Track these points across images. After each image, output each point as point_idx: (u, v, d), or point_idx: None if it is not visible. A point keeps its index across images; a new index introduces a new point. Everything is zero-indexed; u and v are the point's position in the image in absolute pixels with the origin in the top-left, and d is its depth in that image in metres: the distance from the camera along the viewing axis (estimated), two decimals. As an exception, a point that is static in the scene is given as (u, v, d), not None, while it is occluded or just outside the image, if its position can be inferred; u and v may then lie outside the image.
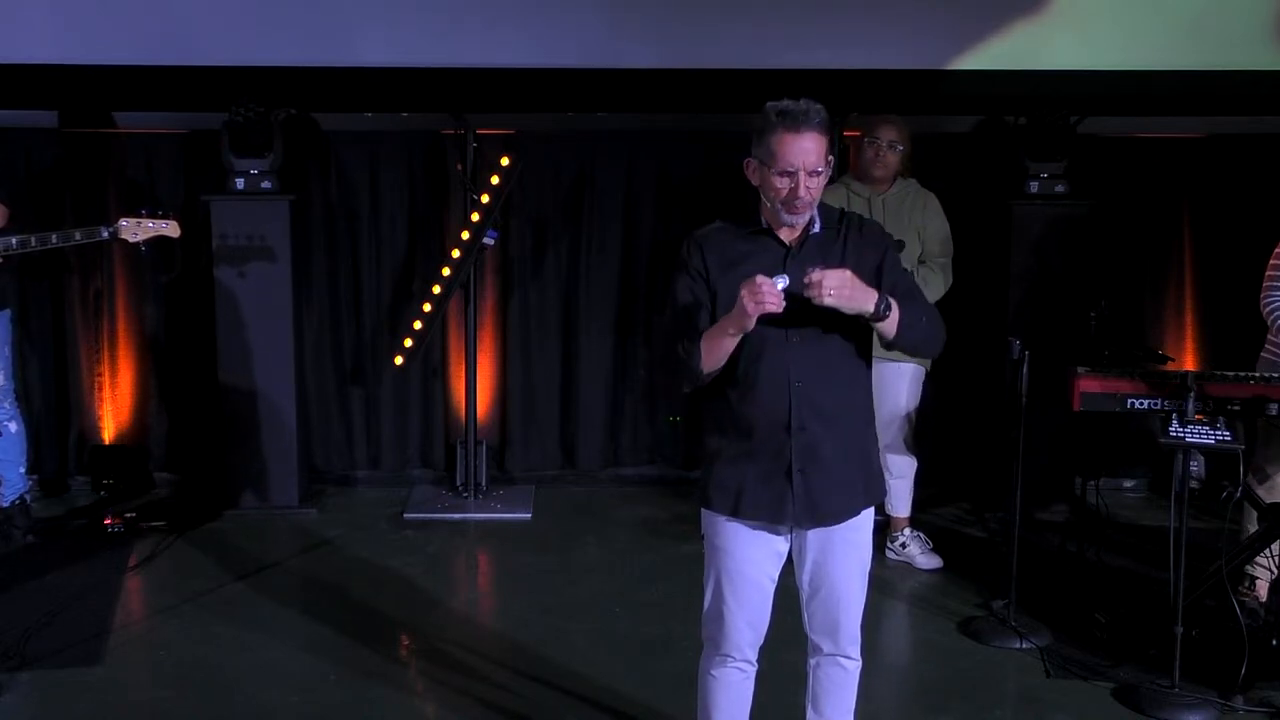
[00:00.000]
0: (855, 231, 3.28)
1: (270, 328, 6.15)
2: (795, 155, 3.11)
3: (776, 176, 3.14)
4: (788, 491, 3.24)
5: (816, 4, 5.96)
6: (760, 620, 3.40)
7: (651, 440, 6.79)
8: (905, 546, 5.58)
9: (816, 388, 3.20)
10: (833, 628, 3.40)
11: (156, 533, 5.89)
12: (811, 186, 3.13)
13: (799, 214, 3.17)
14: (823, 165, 3.14)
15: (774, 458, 3.23)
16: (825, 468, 3.23)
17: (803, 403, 3.19)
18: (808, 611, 3.42)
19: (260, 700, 4.36)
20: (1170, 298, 6.60)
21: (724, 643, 3.41)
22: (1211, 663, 4.38)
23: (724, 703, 3.48)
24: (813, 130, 3.12)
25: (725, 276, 3.22)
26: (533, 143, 6.44)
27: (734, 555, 3.34)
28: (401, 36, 5.97)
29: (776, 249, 3.23)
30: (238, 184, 6.04)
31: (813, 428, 3.21)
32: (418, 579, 5.44)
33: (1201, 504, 5.46)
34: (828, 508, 3.26)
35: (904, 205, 5.43)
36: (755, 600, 3.36)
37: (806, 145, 3.11)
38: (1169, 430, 4.20)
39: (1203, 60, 5.95)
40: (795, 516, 3.25)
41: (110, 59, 5.89)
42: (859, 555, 3.37)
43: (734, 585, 3.35)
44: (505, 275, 6.62)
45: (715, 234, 3.31)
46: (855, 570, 3.37)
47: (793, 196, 3.13)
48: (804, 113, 3.12)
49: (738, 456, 3.27)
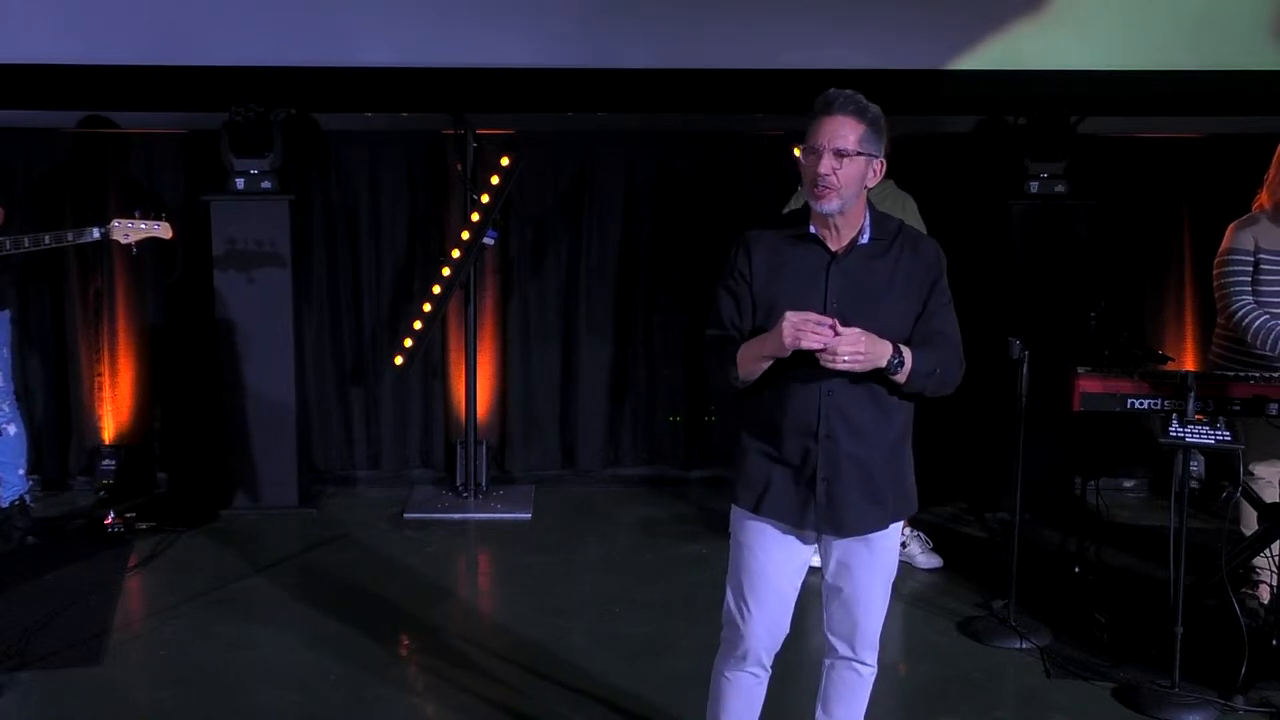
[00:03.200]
0: (909, 249, 3.22)
1: (270, 328, 6.15)
2: (822, 134, 3.11)
3: (805, 155, 3.14)
4: (810, 498, 3.22)
5: (817, 4, 5.96)
6: (779, 627, 3.37)
7: (651, 440, 6.79)
8: (905, 546, 5.58)
9: (849, 399, 3.17)
10: (850, 633, 3.39)
11: (157, 533, 5.90)
12: (837, 168, 3.09)
13: (822, 198, 3.11)
14: (854, 149, 3.10)
15: (800, 463, 3.21)
16: (850, 479, 3.20)
17: (833, 411, 3.17)
18: (828, 612, 3.41)
19: (260, 700, 4.36)
20: (1170, 298, 6.61)
21: (740, 645, 3.39)
22: (1211, 663, 4.38)
23: (735, 706, 3.47)
24: (847, 114, 3.12)
25: (770, 279, 3.21)
26: (533, 143, 6.43)
27: (758, 555, 3.31)
28: (401, 36, 5.98)
29: (821, 255, 3.19)
30: (238, 184, 6.04)
31: (841, 437, 3.18)
32: (418, 579, 5.44)
33: (1201, 504, 5.46)
34: (849, 519, 3.23)
35: (882, 206, 5.37)
36: (775, 605, 3.34)
37: (835, 126, 3.10)
38: (1169, 430, 4.20)
39: (1203, 60, 5.96)
40: (816, 524, 3.24)
41: (111, 59, 5.89)
42: (884, 564, 3.34)
43: (754, 586, 3.32)
44: (505, 275, 6.62)
45: (766, 235, 3.27)
46: (879, 579, 3.34)
47: (814, 175, 3.10)
48: (841, 96, 3.14)
49: (766, 456, 3.25)
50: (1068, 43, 6.00)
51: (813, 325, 3.01)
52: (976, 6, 6.01)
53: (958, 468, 6.46)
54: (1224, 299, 4.75)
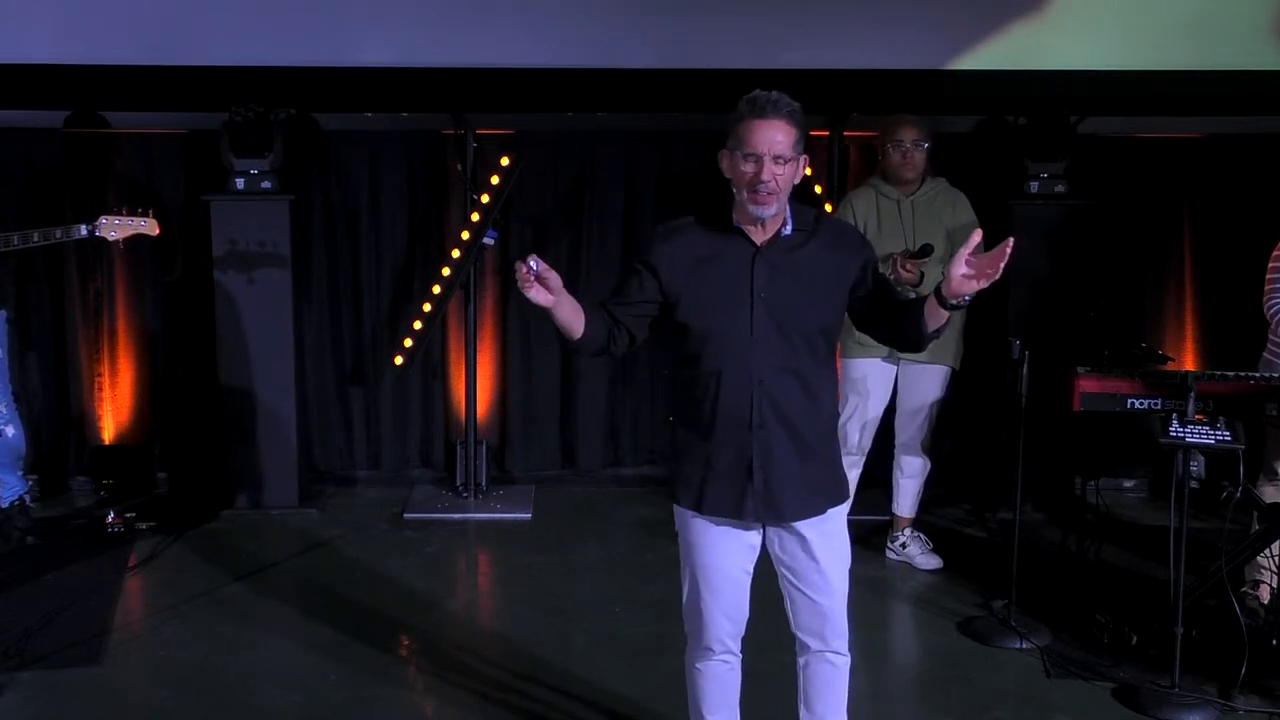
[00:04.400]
0: (831, 235, 3.29)
1: (270, 328, 6.15)
2: (760, 140, 3.13)
3: (742, 161, 3.17)
4: (748, 488, 3.27)
5: (817, 4, 5.95)
6: (737, 612, 3.42)
7: (651, 440, 6.79)
8: (905, 547, 5.58)
9: (780, 388, 3.23)
10: (819, 625, 3.41)
11: (157, 533, 5.90)
12: (778, 174, 3.14)
13: (763, 204, 3.17)
14: (790, 154, 3.15)
15: (735, 454, 3.26)
16: (784, 466, 3.26)
17: (765, 401, 3.23)
18: (791, 610, 3.43)
19: (260, 700, 4.36)
20: (1170, 298, 6.60)
21: (704, 636, 3.44)
22: (1211, 663, 4.38)
23: (710, 693, 3.52)
24: (781, 119, 3.14)
25: (694, 275, 3.25)
26: (533, 143, 6.44)
27: (705, 550, 3.37)
28: (401, 36, 5.97)
29: (746, 247, 3.25)
30: (238, 184, 6.04)
31: (773, 426, 3.24)
32: (418, 579, 5.44)
33: (1201, 504, 5.46)
34: (787, 505, 3.28)
35: (934, 206, 5.34)
36: (730, 593, 3.39)
37: (772, 132, 3.14)
38: (1169, 430, 4.20)
39: (1203, 60, 5.95)
40: (755, 513, 3.28)
41: (110, 59, 5.88)
42: (835, 549, 3.38)
43: (708, 579, 3.38)
44: (505, 275, 6.61)
45: (688, 229, 3.32)
46: (834, 565, 3.37)
47: (756, 181, 3.14)
48: (772, 101, 3.16)
49: (701, 451, 3.30)
50: (1068, 43, 5.99)
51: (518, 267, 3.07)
52: (976, 6, 6.00)
53: (958, 468, 6.46)
54: (1266, 295, 4.72)
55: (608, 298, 3.35)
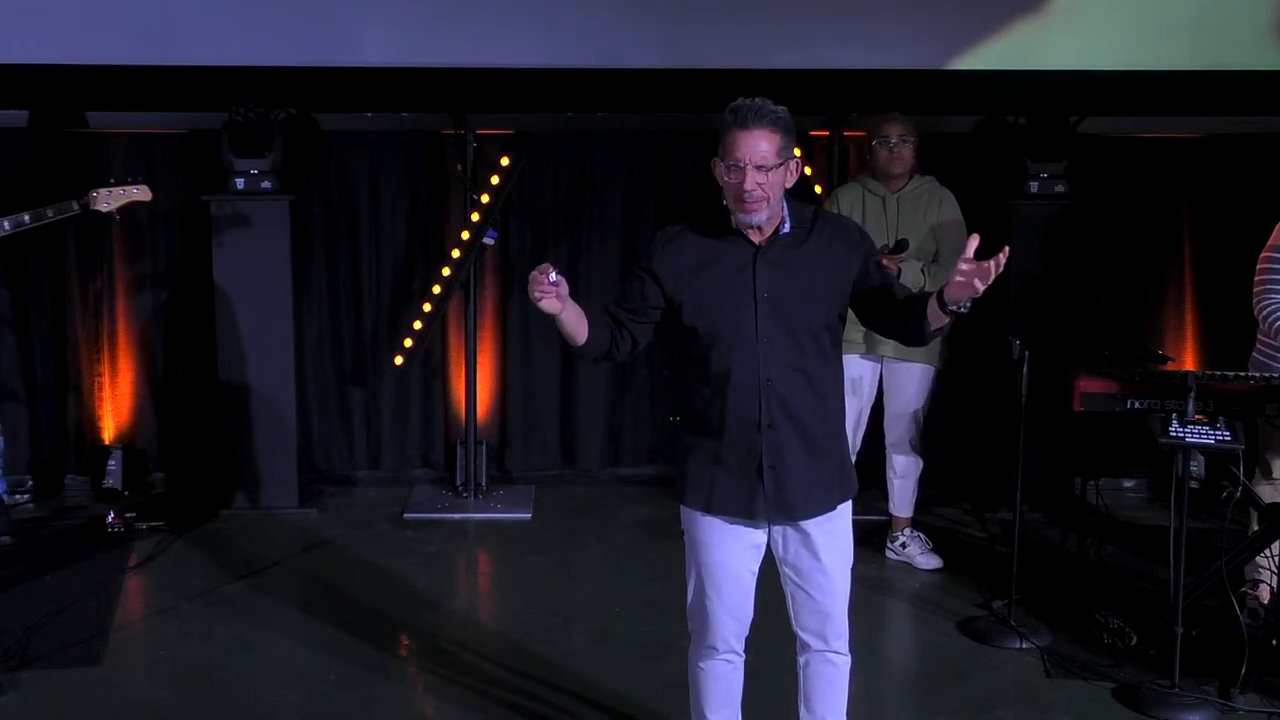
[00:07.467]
0: (830, 231, 3.31)
1: (270, 328, 6.15)
2: (742, 150, 3.15)
3: (727, 171, 3.19)
4: (759, 488, 3.28)
5: (816, 4, 5.95)
6: (742, 612, 3.43)
7: (651, 440, 6.79)
8: (905, 546, 5.58)
9: (788, 387, 3.24)
10: (820, 624, 3.42)
11: (156, 533, 5.89)
12: (762, 182, 3.15)
13: (750, 211, 3.19)
14: (774, 161, 3.16)
15: (745, 454, 3.27)
16: (794, 464, 3.27)
17: (773, 400, 3.24)
18: (793, 607, 3.44)
19: (260, 700, 4.36)
20: (1170, 298, 6.60)
21: (708, 635, 3.45)
22: (1211, 662, 4.38)
23: (713, 693, 3.53)
24: (763, 127, 3.16)
25: (695, 279, 3.27)
26: (533, 143, 6.44)
27: (711, 549, 3.37)
28: (401, 36, 5.97)
29: (746, 249, 3.26)
30: (238, 184, 6.04)
31: (782, 425, 3.25)
32: (418, 579, 5.44)
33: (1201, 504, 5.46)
34: (798, 503, 3.29)
35: (920, 203, 5.38)
36: (735, 593, 3.40)
37: (754, 141, 3.15)
38: (1169, 430, 4.20)
39: (1203, 60, 5.94)
40: (766, 512, 3.29)
41: (111, 59, 5.88)
42: (839, 548, 3.38)
43: (714, 579, 3.39)
44: (505, 275, 6.62)
45: (687, 233, 3.34)
46: (837, 564, 3.38)
47: (740, 190, 3.15)
48: (754, 110, 3.17)
49: (710, 452, 3.31)
50: (1068, 43, 5.99)
51: (536, 278, 3.07)
52: (976, 6, 6.00)
53: (958, 468, 6.46)
54: (1256, 295, 4.72)
55: (610, 303, 3.36)
